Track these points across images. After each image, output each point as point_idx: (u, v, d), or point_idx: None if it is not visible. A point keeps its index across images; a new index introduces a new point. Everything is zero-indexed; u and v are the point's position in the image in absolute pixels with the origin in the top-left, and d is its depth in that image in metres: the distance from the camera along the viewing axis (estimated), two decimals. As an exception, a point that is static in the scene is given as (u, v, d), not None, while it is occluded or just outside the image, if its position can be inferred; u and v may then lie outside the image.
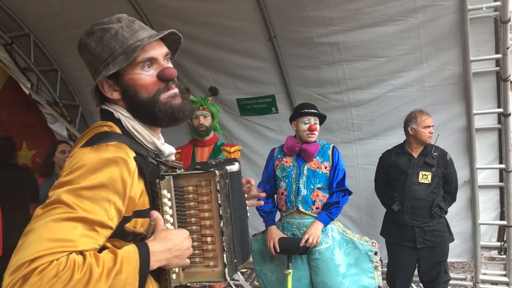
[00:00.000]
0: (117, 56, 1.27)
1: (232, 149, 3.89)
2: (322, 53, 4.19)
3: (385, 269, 3.87)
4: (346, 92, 4.34)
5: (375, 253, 3.26)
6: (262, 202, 1.76)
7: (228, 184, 1.36)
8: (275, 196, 3.53)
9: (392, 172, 3.81)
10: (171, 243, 1.21)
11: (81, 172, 1.13)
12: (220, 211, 1.31)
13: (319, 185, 3.29)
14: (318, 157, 3.35)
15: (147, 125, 1.36)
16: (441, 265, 3.67)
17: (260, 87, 4.67)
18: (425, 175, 3.65)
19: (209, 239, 1.32)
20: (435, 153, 3.67)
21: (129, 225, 1.22)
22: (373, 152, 4.28)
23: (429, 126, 3.68)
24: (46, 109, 5.72)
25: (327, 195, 3.31)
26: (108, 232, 1.15)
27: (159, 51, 1.33)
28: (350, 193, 3.36)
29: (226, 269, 1.32)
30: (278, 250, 3.25)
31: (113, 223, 1.15)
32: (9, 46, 5.37)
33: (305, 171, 3.32)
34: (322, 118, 3.45)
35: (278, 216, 3.56)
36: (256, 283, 4.91)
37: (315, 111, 3.39)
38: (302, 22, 4.03)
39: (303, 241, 3.16)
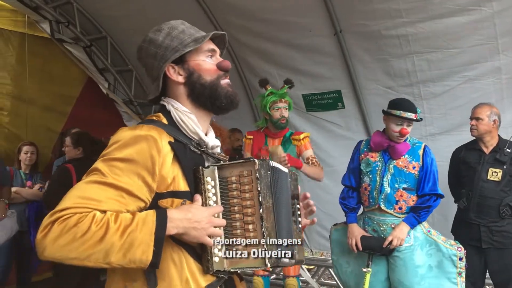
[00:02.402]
0: (187, 44, 1.44)
1: (302, 136, 3.84)
2: (390, 46, 4.09)
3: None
4: (417, 85, 4.21)
5: (460, 259, 3.04)
6: (314, 221, 1.72)
7: (270, 176, 1.40)
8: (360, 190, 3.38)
9: (462, 168, 3.65)
10: (191, 214, 1.27)
11: (116, 146, 1.29)
12: (260, 198, 1.35)
13: (404, 185, 3.10)
14: (407, 156, 3.13)
15: (203, 109, 1.48)
16: (512, 268, 3.47)
17: (325, 82, 4.64)
18: (495, 172, 3.45)
19: (251, 226, 1.36)
20: (508, 150, 3.45)
21: (163, 202, 1.31)
22: (445, 148, 4.09)
23: (471, 118, 3.53)
24: (122, 107, 6.06)
25: (412, 196, 3.11)
26: (137, 202, 1.26)
27: (216, 47, 1.52)
28: (442, 196, 3.15)
29: (267, 256, 1.34)
30: (361, 249, 3.16)
31: (142, 195, 1.27)
32: (88, 49, 5.71)
33: (391, 169, 3.14)
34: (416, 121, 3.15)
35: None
36: (322, 280, 4.90)
37: (411, 116, 3.03)
38: (369, 15, 3.95)
39: (387, 242, 3.06)
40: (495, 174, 3.45)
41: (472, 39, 3.72)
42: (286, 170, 1.55)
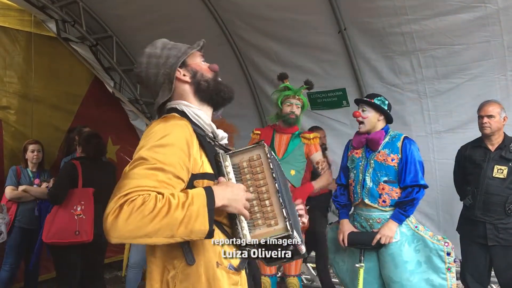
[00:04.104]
0: (184, 51, 1.67)
1: (312, 136, 3.83)
2: (394, 43, 4.08)
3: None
4: (422, 82, 4.20)
5: (448, 254, 3.05)
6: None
7: (274, 160, 1.55)
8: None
9: (467, 166, 3.65)
10: (230, 188, 1.45)
11: (154, 136, 1.44)
12: (273, 174, 1.50)
13: (385, 178, 3.15)
14: (385, 149, 3.19)
15: (207, 104, 1.68)
16: (518, 266, 3.43)
17: (330, 80, 4.63)
18: (500, 169, 3.43)
19: (267, 202, 1.50)
20: None
21: (198, 183, 1.48)
22: (450, 146, 4.09)
23: (482, 116, 3.50)
24: (128, 106, 6.09)
25: (395, 189, 3.15)
26: (180, 184, 1.41)
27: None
28: (426, 187, 3.16)
29: (287, 222, 1.45)
30: (346, 244, 3.21)
31: (183, 176, 1.43)
32: (94, 48, 5.73)
33: (372, 163, 3.20)
34: (376, 107, 3.20)
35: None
36: (328, 277, 4.89)
37: (364, 99, 3.27)
38: (373, 12, 3.95)
39: (375, 241, 3.08)
40: (500, 172, 3.44)
41: (477, 36, 3.71)
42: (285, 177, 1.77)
